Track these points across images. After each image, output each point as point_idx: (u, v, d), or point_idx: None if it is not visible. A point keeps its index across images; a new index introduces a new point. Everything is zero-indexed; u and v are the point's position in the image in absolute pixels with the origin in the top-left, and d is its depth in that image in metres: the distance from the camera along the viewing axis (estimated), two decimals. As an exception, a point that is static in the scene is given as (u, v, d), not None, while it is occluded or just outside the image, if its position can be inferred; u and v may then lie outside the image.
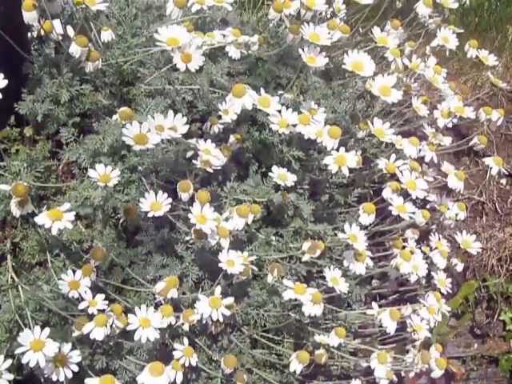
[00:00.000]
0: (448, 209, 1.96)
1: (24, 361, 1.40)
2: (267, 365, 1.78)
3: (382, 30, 1.87)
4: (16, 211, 1.53)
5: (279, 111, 1.69)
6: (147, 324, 1.53)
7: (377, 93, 1.74)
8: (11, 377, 1.43)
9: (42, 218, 1.49)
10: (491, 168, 1.94)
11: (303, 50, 1.66)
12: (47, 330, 1.43)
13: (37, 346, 1.41)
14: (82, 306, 1.51)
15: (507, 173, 2.35)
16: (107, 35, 1.75)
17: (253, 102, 1.63)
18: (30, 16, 1.64)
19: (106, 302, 1.53)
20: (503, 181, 2.42)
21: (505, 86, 2.06)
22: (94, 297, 1.53)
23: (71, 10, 1.77)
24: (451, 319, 2.26)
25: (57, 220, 1.49)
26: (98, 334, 1.49)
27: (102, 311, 1.52)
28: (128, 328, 1.53)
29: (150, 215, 1.54)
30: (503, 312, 2.34)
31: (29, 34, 1.75)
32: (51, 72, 1.74)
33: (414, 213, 1.76)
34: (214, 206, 1.61)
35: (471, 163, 2.42)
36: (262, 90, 1.68)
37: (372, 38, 1.82)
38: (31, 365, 1.40)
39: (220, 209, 1.68)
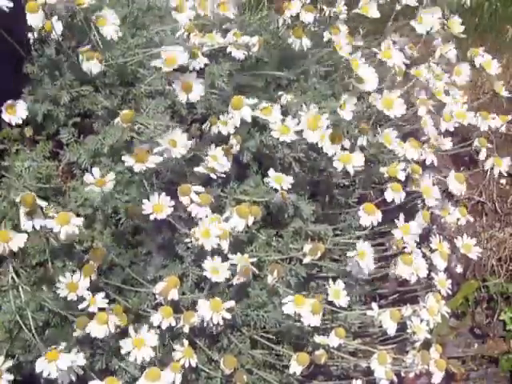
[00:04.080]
0: (449, 213, 1.96)
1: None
2: (267, 365, 1.78)
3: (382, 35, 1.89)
4: (26, 223, 1.49)
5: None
6: (142, 344, 1.53)
7: (380, 107, 1.75)
8: (11, 377, 1.43)
9: (51, 223, 1.48)
10: (491, 169, 1.95)
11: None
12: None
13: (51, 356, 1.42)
14: (82, 305, 1.51)
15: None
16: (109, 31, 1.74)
17: (252, 114, 1.65)
18: (34, 18, 1.63)
19: (106, 300, 1.53)
20: (503, 181, 2.42)
21: (507, 94, 2.07)
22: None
23: (71, 10, 1.77)
24: (451, 319, 2.27)
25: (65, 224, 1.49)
26: (100, 331, 1.49)
27: (102, 309, 1.52)
28: (122, 352, 1.53)
29: (151, 218, 1.54)
30: (503, 312, 2.34)
31: (29, 35, 1.75)
32: (52, 73, 1.74)
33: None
34: (214, 206, 1.62)
35: (471, 163, 2.42)
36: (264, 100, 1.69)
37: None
38: (44, 375, 1.41)
39: (221, 208, 1.68)
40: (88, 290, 1.52)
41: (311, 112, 1.70)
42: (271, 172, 1.72)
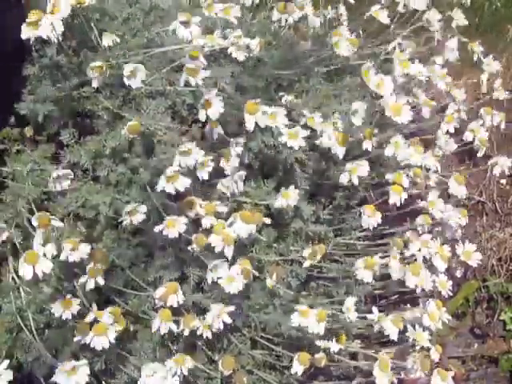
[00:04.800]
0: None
1: None
2: (267, 366, 1.78)
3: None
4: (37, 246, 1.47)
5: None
6: None
7: (388, 113, 1.75)
8: (10, 377, 1.43)
9: None
10: (494, 167, 1.97)
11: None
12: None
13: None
14: (88, 318, 1.51)
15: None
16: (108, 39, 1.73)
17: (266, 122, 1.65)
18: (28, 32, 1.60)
19: (113, 317, 1.52)
20: (503, 181, 2.42)
21: (506, 96, 2.08)
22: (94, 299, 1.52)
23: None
24: (451, 319, 2.26)
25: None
26: (98, 343, 1.50)
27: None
28: None
29: (164, 233, 1.54)
30: (503, 312, 2.34)
31: (29, 35, 1.75)
32: (52, 73, 1.73)
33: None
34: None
35: (471, 162, 2.42)
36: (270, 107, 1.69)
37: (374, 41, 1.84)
38: None
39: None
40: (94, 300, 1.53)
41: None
42: (283, 190, 1.72)
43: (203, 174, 1.58)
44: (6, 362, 1.41)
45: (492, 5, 2.72)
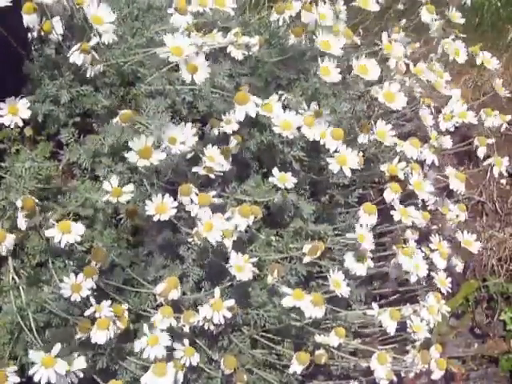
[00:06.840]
0: (449, 210, 1.97)
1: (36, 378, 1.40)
2: (267, 365, 1.78)
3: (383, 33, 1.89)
4: (23, 224, 1.51)
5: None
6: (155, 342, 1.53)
7: (382, 99, 1.75)
8: (17, 379, 1.43)
9: (52, 232, 1.49)
10: (493, 166, 1.96)
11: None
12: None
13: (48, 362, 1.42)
14: (88, 312, 1.50)
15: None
16: (108, 37, 1.74)
17: (257, 110, 1.65)
18: (29, 19, 1.63)
19: (112, 309, 1.52)
20: (503, 181, 2.42)
21: (507, 94, 2.08)
22: (95, 297, 1.52)
23: (71, 10, 1.76)
24: (451, 319, 2.27)
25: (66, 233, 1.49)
26: (101, 337, 1.49)
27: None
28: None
29: (155, 219, 1.54)
30: (503, 312, 2.34)
31: (29, 34, 1.75)
32: (52, 73, 1.74)
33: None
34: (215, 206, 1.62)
35: (471, 163, 2.42)
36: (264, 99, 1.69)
37: (374, 41, 1.83)
38: (42, 382, 1.40)
39: (221, 209, 1.68)
40: (93, 295, 1.52)
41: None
42: (276, 171, 1.72)
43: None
44: (14, 367, 1.43)
45: (492, 5, 2.73)
